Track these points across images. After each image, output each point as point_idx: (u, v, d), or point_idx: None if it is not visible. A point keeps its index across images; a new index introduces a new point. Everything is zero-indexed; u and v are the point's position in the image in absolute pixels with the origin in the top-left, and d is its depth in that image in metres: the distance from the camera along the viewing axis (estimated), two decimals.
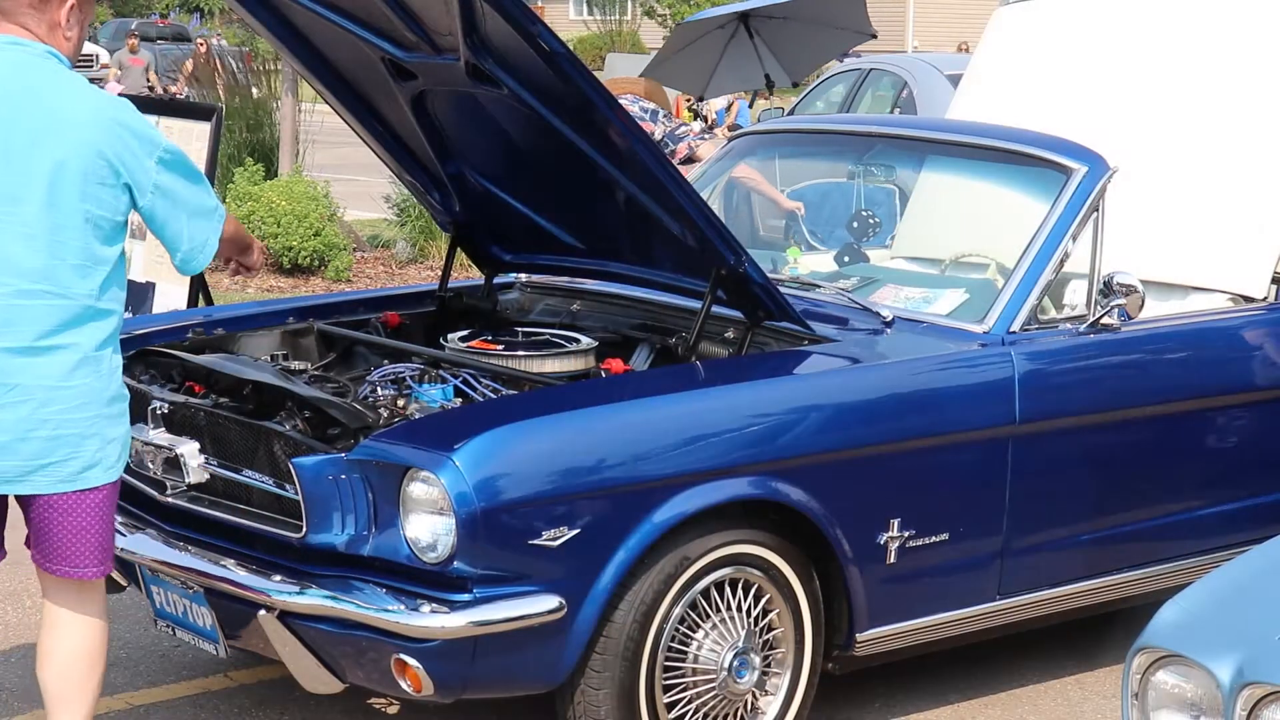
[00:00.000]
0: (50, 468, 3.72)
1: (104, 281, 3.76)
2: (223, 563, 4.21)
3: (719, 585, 4.27)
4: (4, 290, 3.67)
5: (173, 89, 19.72)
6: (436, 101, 4.83)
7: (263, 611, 4.08)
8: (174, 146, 3.86)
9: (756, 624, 4.34)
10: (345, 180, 18.54)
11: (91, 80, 4.08)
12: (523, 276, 5.64)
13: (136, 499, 4.54)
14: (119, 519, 4.36)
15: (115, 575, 4.67)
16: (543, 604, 3.97)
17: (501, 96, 4.52)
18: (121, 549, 4.38)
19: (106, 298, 3.77)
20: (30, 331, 3.68)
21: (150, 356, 4.84)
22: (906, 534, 4.50)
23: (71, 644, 3.89)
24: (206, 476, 4.30)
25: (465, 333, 5.04)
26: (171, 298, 7.51)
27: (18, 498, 3.80)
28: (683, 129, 8.66)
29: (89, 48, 32.12)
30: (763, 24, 10.28)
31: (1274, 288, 5.42)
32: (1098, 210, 4.92)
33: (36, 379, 3.68)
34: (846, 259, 5.70)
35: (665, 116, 8.72)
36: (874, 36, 11.76)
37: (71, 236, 3.70)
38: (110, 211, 3.76)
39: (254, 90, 13.68)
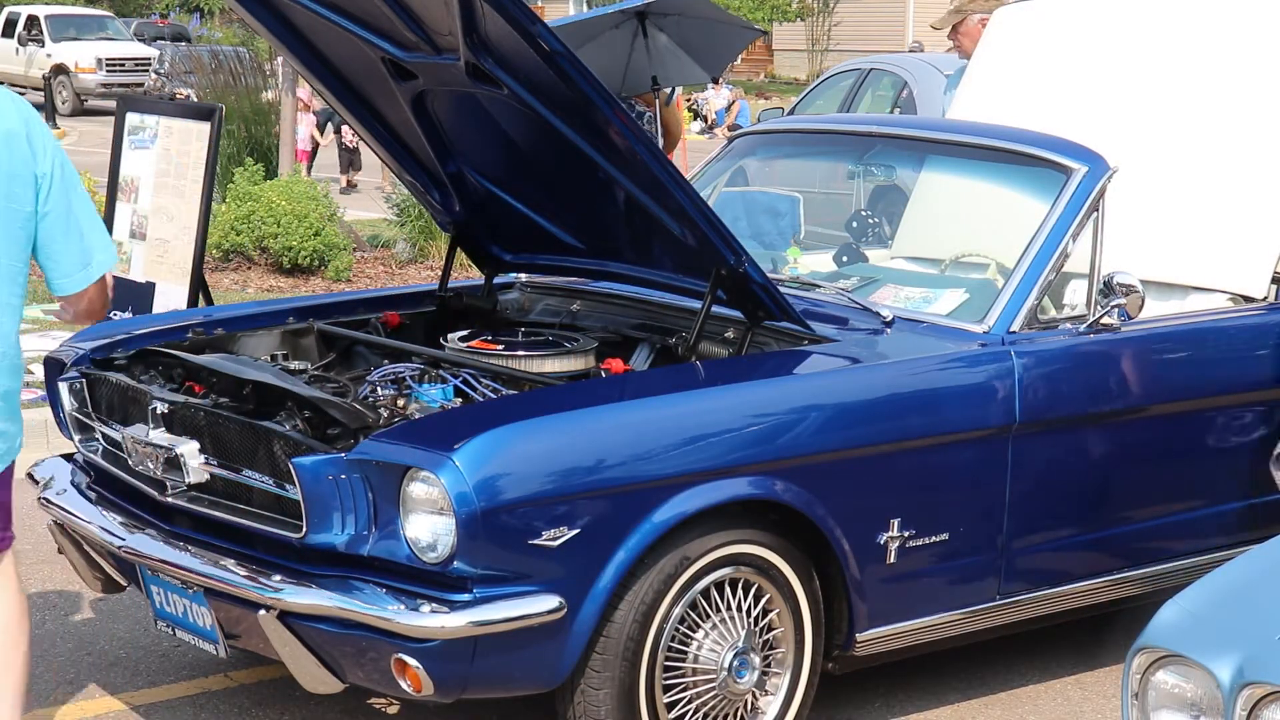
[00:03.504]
0: None
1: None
2: (223, 563, 4.21)
3: (719, 585, 4.27)
4: None
5: (182, 92, 19.59)
6: (436, 101, 4.83)
7: (263, 611, 4.08)
8: (68, 162, 3.96)
9: (756, 624, 4.34)
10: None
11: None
12: (523, 276, 5.64)
13: (137, 499, 4.54)
14: (118, 518, 4.53)
15: (115, 575, 4.69)
16: (543, 604, 3.97)
17: (501, 96, 4.53)
18: (122, 548, 4.41)
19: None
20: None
21: (150, 356, 4.84)
22: (906, 534, 4.50)
23: None
24: (206, 476, 4.30)
25: (465, 333, 5.04)
26: (171, 298, 7.50)
27: None
28: None
29: (142, 49, 31.32)
30: (662, 21, 10.29)
31: (1274, 288, 5.43)
32: (1098, 210, 4.92)
33: None
34: (846, 259, 5.70)
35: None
36: (764, 34, 11.96)
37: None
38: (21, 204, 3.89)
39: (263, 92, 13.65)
